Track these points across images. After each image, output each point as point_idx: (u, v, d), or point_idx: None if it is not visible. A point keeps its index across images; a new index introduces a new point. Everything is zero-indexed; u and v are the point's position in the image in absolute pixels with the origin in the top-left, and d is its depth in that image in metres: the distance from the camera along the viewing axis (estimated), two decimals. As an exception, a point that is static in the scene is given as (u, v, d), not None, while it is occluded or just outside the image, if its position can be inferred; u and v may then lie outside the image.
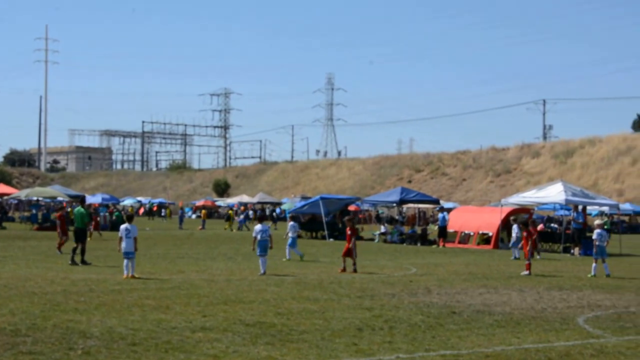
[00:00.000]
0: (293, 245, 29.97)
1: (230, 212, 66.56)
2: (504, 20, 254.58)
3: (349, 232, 25.07)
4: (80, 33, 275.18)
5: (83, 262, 25.30)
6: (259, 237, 23.52)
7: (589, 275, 25.06)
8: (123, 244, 21.29)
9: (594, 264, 25.43)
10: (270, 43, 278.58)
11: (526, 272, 24.95)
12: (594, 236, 25.82)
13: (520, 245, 29.86)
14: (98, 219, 51.27)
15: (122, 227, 21.73)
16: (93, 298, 16.60)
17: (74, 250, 25.88)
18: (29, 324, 13.07)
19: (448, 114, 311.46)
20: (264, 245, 23.44)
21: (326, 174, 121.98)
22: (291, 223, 30.96)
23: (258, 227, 23.83)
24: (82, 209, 27.01)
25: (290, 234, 30.03)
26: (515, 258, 32.25)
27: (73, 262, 25.13)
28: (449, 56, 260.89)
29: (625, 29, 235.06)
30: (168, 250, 33.58)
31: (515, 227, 33.87)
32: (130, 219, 22.38)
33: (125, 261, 21.20)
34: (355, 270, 24.26)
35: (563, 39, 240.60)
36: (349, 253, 24.69)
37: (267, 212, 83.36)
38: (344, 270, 24.48)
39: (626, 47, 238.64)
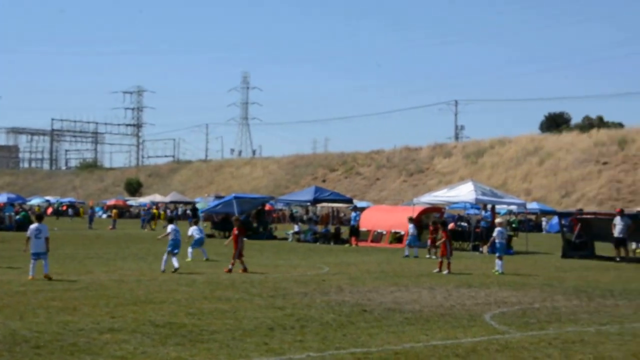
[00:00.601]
0: (196, 245, 29.01)
1: (155, 210, 65.80)
2: (416, 22, 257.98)
3: (235, 232, 24.41)
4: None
5: None
6: (171, 236, 23.82)
7: (495, 273, 25.52)
8: (32, 244, 20.79)
9: (498, 261, 26.00)
10: (184, 41, 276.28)
11: (446, 271, 25.28)
12: (495, 234, 26.77)
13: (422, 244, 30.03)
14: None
15: (32, 227, 21.25)
16: (-4, 300, 16.18)
17: None
18: None
19: (362, 113, 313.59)
20: (176, 244, 23.79)
21: (240, 173, 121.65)
22: (193, 227, 29.64)
23: (171, 226, 24.20)
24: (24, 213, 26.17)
25: (196, 235, 28.96)
26: (406, 256, 32.65)
27: None
28: (364, 57, 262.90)
29: (534, 31, 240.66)
30: (77, 250, 32.93)
31: (411, 226, 34.22)
32: (39, 218, 21.93)
33: (32, 262, 20.71)
34: (245, 269, 23.79)
35: (474, 40, 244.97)
36: (238, 254, 24.04)
37: (180, 211, 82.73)
38: (230, 270, 23.77)
39: (535, 49, 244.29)
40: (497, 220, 28.56)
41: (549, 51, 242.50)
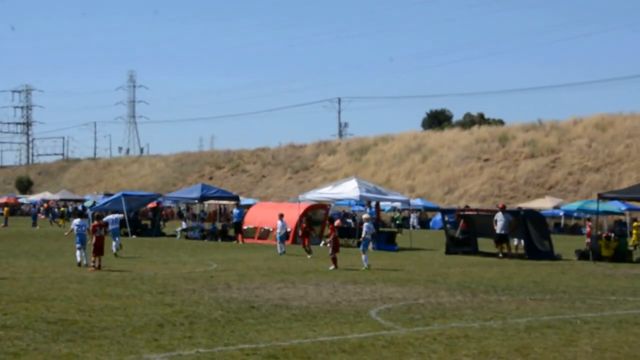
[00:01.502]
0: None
1: (62, 208, 65.11)
2: (300, 18, 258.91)
3: (95, 226, 24.51)
4: None
5: None
6: (76, 230, 25.02)
7: (363, 268, 26.04)
8: None
9: (363, 256, 26.69)
10: (71, 39, 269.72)
11: (332, 267, 25.87)
12: (364, 229, 27.33)
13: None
14: None
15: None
16: None
17: None
18: None
19: (248, 111, 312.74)
20: (83, 239, 24.90)
21: (129, 171, 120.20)
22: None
23: (77, 221, 25.48)
24: None
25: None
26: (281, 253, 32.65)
27: None
28: (246, 55, 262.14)
29: (417, 25, 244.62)
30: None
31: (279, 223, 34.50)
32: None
33: None
34: (99, 267, 23.74)
35: (357, 36, 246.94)
36: (100, 250, 24.00)
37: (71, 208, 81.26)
38: (98, 268, 23.71)
39: (416, 45, 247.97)
40: (365, 215, 29.32)
41: (431, 47, 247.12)
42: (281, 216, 34.81)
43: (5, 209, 65.49)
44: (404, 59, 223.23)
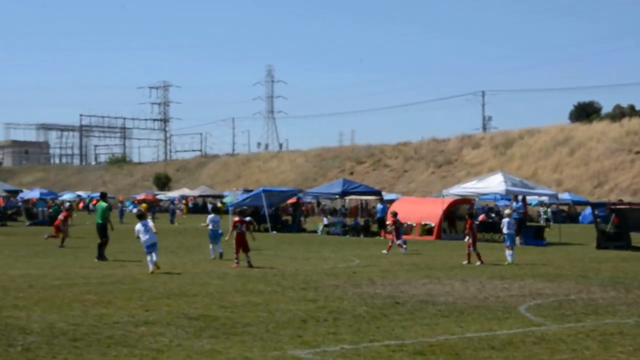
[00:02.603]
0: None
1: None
2: (442, 14, 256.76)
3: (236, 222, 23.99)
4: (13, 25, 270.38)
5: (102, 257, 25.25)
6: (210, 226, 26.29)
7: (506, 264, 25.53)
8: (146, 237, 21.43)
9: (508, 252, 26.18)
10: (208, 35, 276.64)
11: (466, 262, 25.44)
12: (503, 224, 27.09)
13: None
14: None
15: (138, 225, 21.85)
16: (32, 294, 16.32)
17: (101, 245, 25.67)
18: (-33, 321, 12.79)
19: (389, 105, 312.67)
20: (215, 234, 26.18)
21: (268, 167, 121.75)
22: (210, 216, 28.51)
23: (211, 216, 26.90)
24: (103, 204, 26.68)
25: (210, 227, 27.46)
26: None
27: (101, 258, 25.18)
28: (390, 49, 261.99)
29: (562, 19, 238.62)
30: (109, 244, 33.03)
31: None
32: (141, 217, 22.48)
33: (148, 257, 21.38)
34: (249, 264, 23.40)
35: (499, 31, 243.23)
36: (244, 247, 23.64)
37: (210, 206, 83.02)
38: (249, 265, 23.41)
39: (563, 39, 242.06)
40: (506, 211, 28.75)
41: (578, 39, 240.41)
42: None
43: (143, 205, 67.06)
44: (550, 51, 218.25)
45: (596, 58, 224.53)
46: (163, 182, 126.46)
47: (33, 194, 71.77)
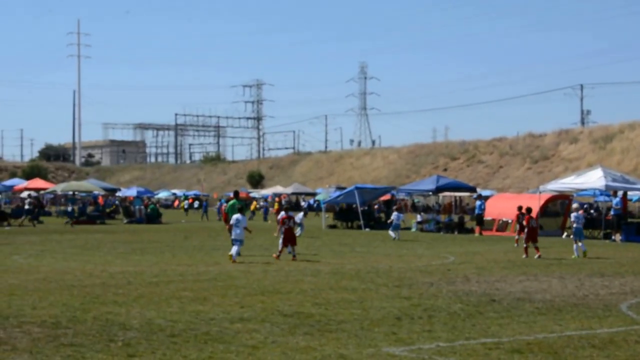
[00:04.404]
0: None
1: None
2: (536, 6, 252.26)
3: (284, 219, 25.22)
4: (111, 27, 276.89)
5: None
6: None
7: (573, 257, 25.87)
8: (235, 232, 23.64)
9: (574, 246, 26.62)
10: (301, 32, 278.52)
11: (537, 256, 25.86)
12: (571, 219, 27.51)
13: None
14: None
15: (234, 217, 24.09)
16: (131, 290, 16.64)
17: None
18: (69, 317, 13.12)
19: (483, 100, 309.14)
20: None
21: (361, 164, 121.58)
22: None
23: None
24: (235, 202, 27.44)
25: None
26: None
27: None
28: (483, 44, 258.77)
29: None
30: (203, 242, 33.60)
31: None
32: (240, 210, 24.69)
33: (233, 247, 23.56)
34: (294, 257, 24.24)
35: (598, 24, 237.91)
36: (291, 240, 24.75)
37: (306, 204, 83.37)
38: (293, 258, 24.29)
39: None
40: (574, 205, 28.81)
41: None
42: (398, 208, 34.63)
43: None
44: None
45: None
46: (256, 180, 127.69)
47: (130, 192, 73.35)
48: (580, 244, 26.72)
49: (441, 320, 13.21)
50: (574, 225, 27.17)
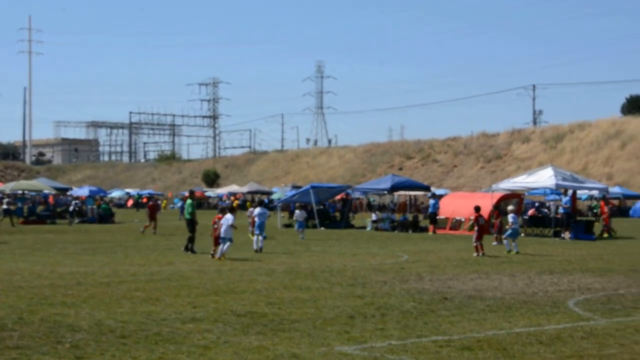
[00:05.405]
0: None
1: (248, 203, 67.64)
2: (492, 9, 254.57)
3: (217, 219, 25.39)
4: (64, 23, 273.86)
5: (192, 250, 26.89)
6: (257, 219, 28.39)
7: (507, 252, 27.20)
8: (222, 229, 24.18)
9: (505, 241, 28.20)
10: (258, 31, 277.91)
11: (481, 254, 26.27)
12: (510, 220, 28.15)
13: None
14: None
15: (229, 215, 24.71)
16: (81, 291, 16.46)
17: (191, 239, 27.23)
18: (15, 319, 12.93)
19: (438, 100, 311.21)
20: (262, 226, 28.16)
21: (317, 163, 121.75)
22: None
23: (257, 210, 29.04)
24: (190, 202, 28.49)
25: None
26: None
27: (187, 250, 26.92)
28: (437, 44, 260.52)
29: (613, 12, 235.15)
30: (157, 242, 33.38)
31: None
32: (229, 210, 25.29)
33: (220, 245, 24.21)
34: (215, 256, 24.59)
35: (551, 25, 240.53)
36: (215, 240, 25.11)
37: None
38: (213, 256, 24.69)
39: (614, 32, 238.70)
40: (510, 207, 30.59)
41: (630, 32, 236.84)
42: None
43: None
44: (602, 44, 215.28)
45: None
46: (212, 179, 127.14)
47: (82, 191, 72.55)
48: (514, 244, 27.55)
49: (394, 319, 13.28)
50: (511, 226, 27.85)
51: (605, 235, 38.70)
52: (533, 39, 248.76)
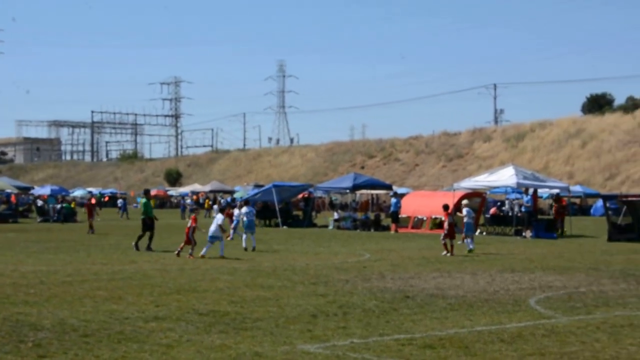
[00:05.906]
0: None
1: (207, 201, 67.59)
2: (451, 6, 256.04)
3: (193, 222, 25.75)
4: (25, 22, 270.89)
5: (149, 248, 27.05)
6: (245, 218, 28.64)
7: (467, 251, 26.75)
8: (211, 229, 24.65)
9: (466, 240, 27.57)
10: (219, 30, 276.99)
11: (448, 253, 26.11)
12: (464, 214, 27.95)
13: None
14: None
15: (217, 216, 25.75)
16: (44, 290, 16.37)
17: (140, 237, 27.58)
18: (-22, 318, 12.84)
19: (399, 99, 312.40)
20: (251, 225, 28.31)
21: (279, 162, 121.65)
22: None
23: (244, 209, 29.24)
24: (144, 200, 29.08)
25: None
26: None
27: (137, 248, 27.04)
28: (398, 43, 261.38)
29: (574, 11, 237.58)
30: (119, 240, 33.23)
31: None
32: (220, 211, 26.65)
33: (207, 244, 24.44)
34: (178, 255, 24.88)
35: (512, 23, 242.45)
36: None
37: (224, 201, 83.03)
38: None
39: (575, 30, 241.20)
40: (464, 202, 29.75)
41: (590, 31, 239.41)
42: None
43: (152, 201, 67.08)
44: (562, 43, 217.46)
45: (608, 49, 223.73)
46: (174, 178, 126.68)
47: (44, 190, 71.94)
48: (469, 239, 27.49)
49: (356, 317, 13.36)
50: (465, 220, 27.81)
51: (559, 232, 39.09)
52: (494, 38, 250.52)
